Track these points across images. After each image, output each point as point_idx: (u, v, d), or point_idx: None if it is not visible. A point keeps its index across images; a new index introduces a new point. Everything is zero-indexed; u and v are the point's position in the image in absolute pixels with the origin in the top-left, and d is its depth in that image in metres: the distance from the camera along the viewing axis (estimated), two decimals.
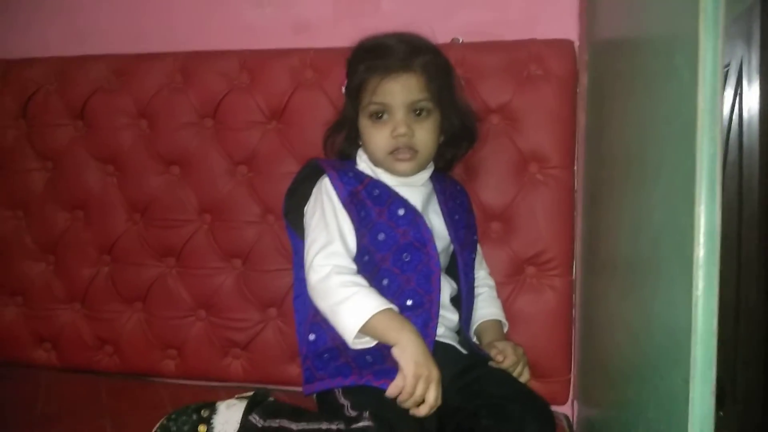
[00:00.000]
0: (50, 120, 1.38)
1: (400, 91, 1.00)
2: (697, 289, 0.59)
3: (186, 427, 0.96)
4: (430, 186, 1.09)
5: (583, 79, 1.19)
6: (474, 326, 1.11)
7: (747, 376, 1.10)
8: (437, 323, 0.99)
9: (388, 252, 1.00)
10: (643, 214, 0.77)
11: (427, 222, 1.03)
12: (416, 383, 0.89)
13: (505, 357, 1.03)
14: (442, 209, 1.08)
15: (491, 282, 1.17)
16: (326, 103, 1.25)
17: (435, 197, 1.09)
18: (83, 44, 1.43)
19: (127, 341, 1.34)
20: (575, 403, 1.24)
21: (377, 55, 1.02)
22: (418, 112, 1.02)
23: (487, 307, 1.13)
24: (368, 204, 1.02)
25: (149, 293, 1.33)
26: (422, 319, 0.98)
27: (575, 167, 1.21)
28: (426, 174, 1.08)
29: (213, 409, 0.97)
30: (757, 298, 1.13)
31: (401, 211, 1.02)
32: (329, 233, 1.00)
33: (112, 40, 1.43)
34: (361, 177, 1.04)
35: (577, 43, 1.23)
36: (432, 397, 0.89)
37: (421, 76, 1.01)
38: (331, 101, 1.25)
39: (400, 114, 1.01)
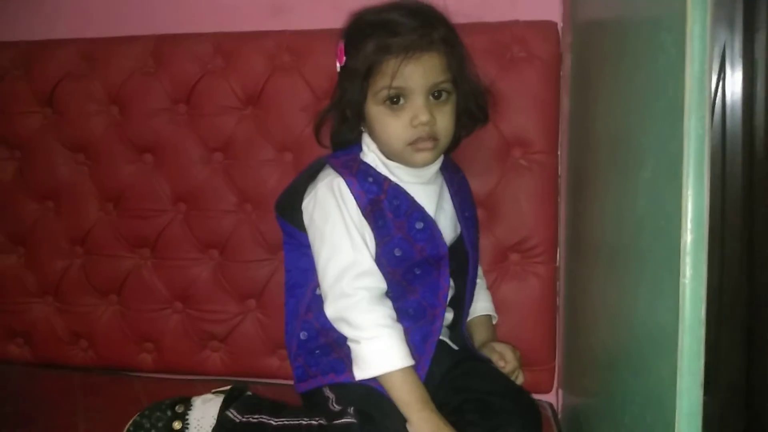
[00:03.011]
0: (18, 107, 1.33)
1: (422, 74, 0.89)
2: (684, 276, 0.57)
3: (160, 424, 0.93)
4: (440, 179, 1.02)
5: (567, 62, 1.17)
6: (473, 315, 1.08)
7: (730, 361, 1.10)
8: (437, 340, 0.96)
9: (400, 267, 0.94)
10: (628, 199, 0.75)
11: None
12: None
13: (506, 362, 1.00)
14: (453, 205, 1.02)
15: (480, 271, 1.13)
16: (304, 88, 1.21)
17: (446, 191, 1.02)
18: (51, 28, 1.38)
19: (102, 335, 1.30)
20: (560, 391, 1.23)
21: (389, 32, 0.90)
22: (437, 94, 0.92)
23: (478, 300, 1.09)
24: (388, 216, 0.93)
25: (124, 285, 1.30)
26: (422, 333, 0.95)
27: (559, 152, 1.19)
28: (437, 166, 1.00)
29: (188, 405, 0.95)
30: (739, 283, 1.12)
31: (419, 225, 0.95)
32: (354, 246, 0.92)
33: (82, 24, 1.37)
34: (380, 180, 0.95)
35: (560, 25, 1.20)
36: None
37: (443, 53, 0.91)
38: (309, 86, 1.21)
39: (420, 99, 0.90)
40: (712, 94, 1.30)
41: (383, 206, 0.94)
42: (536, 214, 1.17)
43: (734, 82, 1.20)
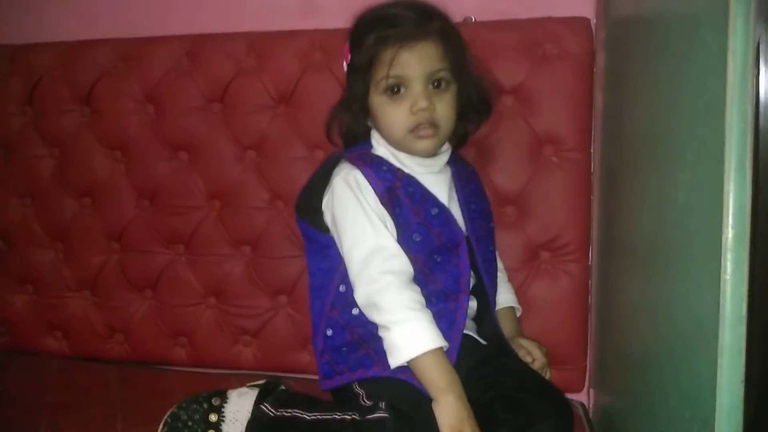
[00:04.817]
0: (57, 106, 1.37)
1: (418, 61, 0.92)
2: (725, 273, 0.56)
3: (197, 416, 0.94)
4: (449, 171, 1.03)
5: (600, 59, 1.16)
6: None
7: (764, 359, 1.08)
8: (463, 325, 0.95)
9: (421, 254, 0.94)
10: (667, 196, 0.74)
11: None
12: None
13: (534, 359, 1.01)
14: (459, 198, 1.02)
15: (500, 265, 1.12)
16: (336, 86, 1.22)
17: (453, 184, 1.03)
18: (89, 29, 1.40)
19: (138, 329, 1.33)
20: (591, 390, 1.22)
21: (387, 24, 0.94)
22: (436, 83, 0.95)
23: (500, 293, 1.08)
24: (405, 202, 0.95)
25: (159, 281, 1.32)
26: (446, 320, 0.94)
27: (592, 149, 1.18)
28: (446, 156, 1.02)
29: (224, 398, 0.96)
30: None
31: (435, 211, 0.96)
32: (376, 231, 0.92)
33: (118, 25, 1.40)
34: (393, 169, 0.97)
35: (593, 21, 1.19)
36: None
37: (440, 43, 0.94)
38: (341, 84, 1.21)
39: (418, 86, 0.93)
40: None
41: (399, 193, 0.95)
42: (568, 212, 1.17)
43: None
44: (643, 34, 0.90)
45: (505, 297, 1.09)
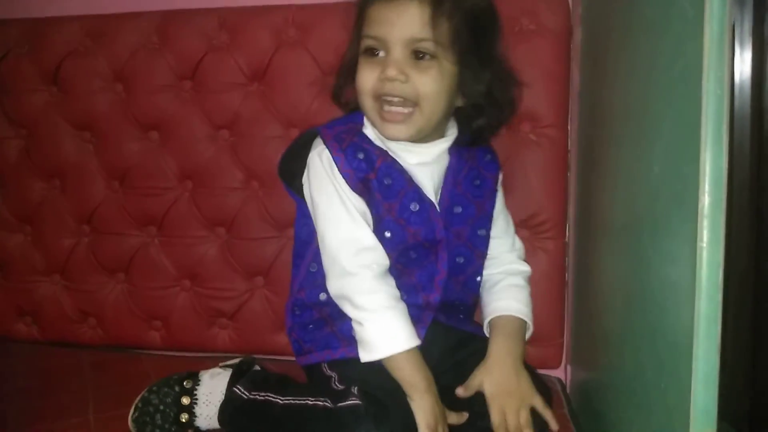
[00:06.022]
0: (23, 86, 1.32)
1: (396, 20, 0.83)
2: (701, 240, 0.56)
3: (168, 399, 0.93)
4: (446, 162, 0.95)
5: (577, 34, 1.15)
6: (487, 319, 0.97)
7: (737, 326, 1.10)
8: (427, 325, 0.92)
9: (394, 250, 0.90)
10: (642, 168, 0.74)
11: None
12: None
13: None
14: (442, 195, 0.94)
15: (511, 268, 1.01)
16: (310, 63, 1.20)
17: (444, 179, 0.94)
18: (55, 4, 1.36)
19: (111, 313, 1.30)
20: (568, 366, 1.22)
21: None
22: (421, 55, 0.85)
23: (501, 299, 0.97)
24: (377, 197, 0.88)
25: (131, 263, 1.29)
26: (415, 314, 0.90)
27: (569, 126, 1.17)
28: (443, 145, 0.93)
29: (196, 380, 0.95)
30: (747, 250, 1.13)
31: (414, 206, 0.90)
32: (353, 219, 0.88)
33: (85, 1, 1.36)
34: (372, 157, 0.89)
35: None
36: None
37: (427, 7, 0.83)
38: (316, 61, 1.20)
39: (396, 53, 0.84)
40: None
41: (371, 186, 0.88)
42: (545, 190, 1.16)
43: (743, 62, 1.18)
44: (620, 8, 0.89)
45: (503, 304, 0.97)
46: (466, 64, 0.87)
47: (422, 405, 0.84)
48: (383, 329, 0.86)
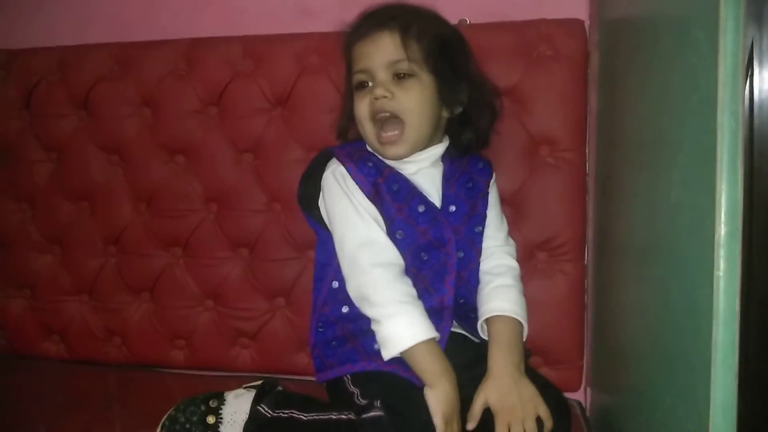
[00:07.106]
0: (54, 111, 1.37)
1: (374, 50, 0.96)
2: (718, 269, 0.57)
3: (195, 418, 0.95)
4: (441, 167, 1.02)
5: (594, 60, 1.17)
6: (480, 320, 0.99)
7: (759, 353, 1.09)
8: (450, 323, 0.96)
9: (407, 251, 0.96)
10: (660, 195, 0.75)
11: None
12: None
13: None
14: (441, 197, 1.01)
15: (504, 270, 1.04)
16: (332, 89, 1.23)
17: (440, 183, 1.01)
18: (85, 33, 1.41)
19: (135, 332, 1.33)
20: (588, 389, 1.22)
21: (358, 23, 1.00)
22: (401, 75, 0.95)
23: (493, 301, 0.99)
24: (387, 199, 0.96)
25: (156, 284, 1.32)
26: (433, 319, 0.93)
27: (587, 150, 1.18)
28: (437, 152, 1.01)
29: (221, 400, 0.97)
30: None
31: (421, 208, 0.97)
32: (366, 223, 0.95)
33: (115, 29, 1.41)
34: (380, 166, 0.98)
35: (587, 23, 1.20)
36: None
37: (397, 34, 0.95)
38: (337, 87, 1.22)
39: (380, 77, 0.96)
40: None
41: (381, 189, 0.96)
42: (564, 213, 1.17)
43: (762, 80, 1.19)
44: (635, 36, 0.91)
45: (495, 305, 0.99)
46: (442, 77, 0.97)
47: (441, 392, 0.86)
48: (402, 323, 0.90)
